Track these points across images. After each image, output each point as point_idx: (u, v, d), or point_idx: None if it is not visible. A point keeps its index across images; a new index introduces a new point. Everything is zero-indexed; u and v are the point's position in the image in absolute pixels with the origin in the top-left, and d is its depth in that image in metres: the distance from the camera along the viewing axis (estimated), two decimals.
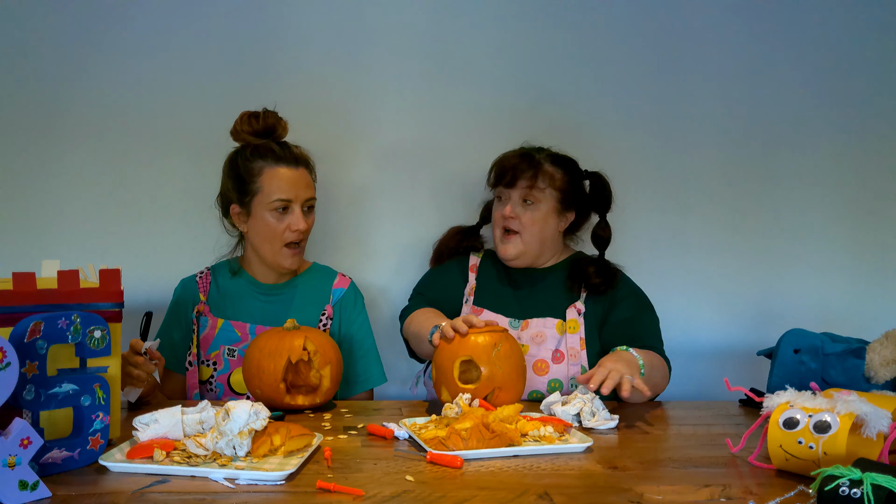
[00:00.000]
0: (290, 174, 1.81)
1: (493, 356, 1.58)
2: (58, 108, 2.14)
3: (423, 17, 2.24)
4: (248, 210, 1.83)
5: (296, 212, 1.81)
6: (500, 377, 1.58)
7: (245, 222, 1.85)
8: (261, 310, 1.89)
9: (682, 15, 2.29)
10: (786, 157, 2.32)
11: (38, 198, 2.14)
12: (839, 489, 0.99)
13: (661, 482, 1.18)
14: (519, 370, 1.62)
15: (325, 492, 1.11)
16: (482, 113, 2.25)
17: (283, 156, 1.81)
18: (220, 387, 1.85)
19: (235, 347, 1.84)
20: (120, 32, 2.15)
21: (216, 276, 1.94)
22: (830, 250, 2.32)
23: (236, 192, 1.83)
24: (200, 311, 1.88)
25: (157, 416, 1.27)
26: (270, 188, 1.79)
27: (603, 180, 2.00)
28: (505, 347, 1.61)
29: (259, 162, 1.81)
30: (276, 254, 1.83)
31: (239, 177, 1.82)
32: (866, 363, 1.67)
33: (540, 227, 1.91)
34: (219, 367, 1.85)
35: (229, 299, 1.90)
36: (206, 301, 1.90)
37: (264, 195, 1.79)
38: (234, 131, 1.85)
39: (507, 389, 1.59)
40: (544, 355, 1.85)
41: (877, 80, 2.32)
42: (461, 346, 1.60)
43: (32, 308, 1.22)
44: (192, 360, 1.86)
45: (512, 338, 1.66)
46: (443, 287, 2.00)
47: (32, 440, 1.05)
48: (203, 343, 1.86)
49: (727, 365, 2.24)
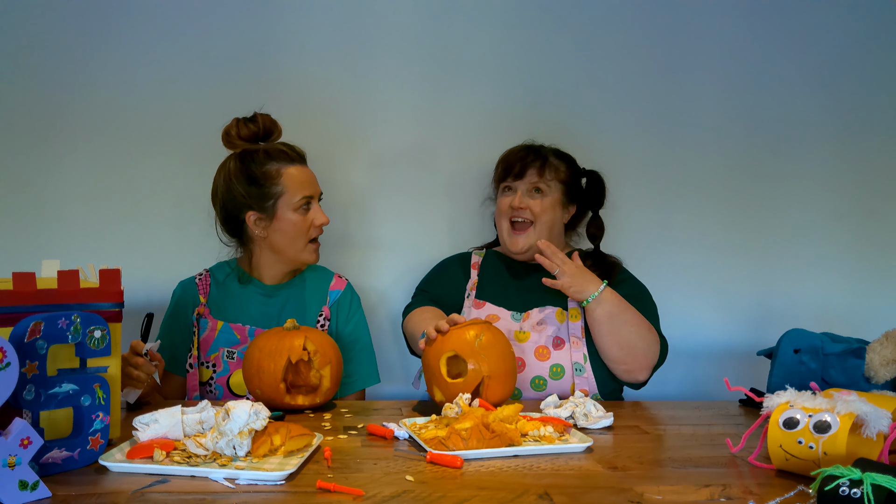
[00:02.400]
0: (305, 172, 1.85)
1: (477, 347, 1.58)
2: (58, 109, 2.14)
3: (423, 17, 2.24)
4: (271, 214, 1.82)
5: (316, 207, 1.85)
6: (487, 367, 1.58)
7: (266, 227, 1.84)
8: (260, 312, 1.89)
9: (682, 15, 2.29)
10: (786, 157, 2.32)
11: (38, 198, 2.14)
12: (839, 489, 0.99)
13: (660, 482, 1.18)
14: (506, 357, 1.62)
15: (325, 492, 1.11)
16: (482, 113, 2.25)
17: (293, 155, 1.85)
18: (219, 389, 1.85)
19: (234, 350, 1.85)
20: (119, 34, 2.15)
21: (215, 278, 1.94)
22: (831, 250, 2.32)
23: (255, 199, 1.81)
24: (200, 314, 1.88)
25: (157, 416, 1.26)
26: (293, 188, 1.81)
27: (600, 178, 2.06)
28: (487, 337, 1.61)
29: (274, 164, 1.81)
30: (302, 251, 1.85)
31: (257, 182, 1.81)
32: (866, 363, 1.67)
33: (550, 215, 1.95)
34: (218, 368, 1.85)
35: (229, 301, 1.90)
36: (206, 303, 1.90)
37: (289, 195, 1.81)
38: (226, 138, 1.84)
39: (497, 378, 1.59)
40: (545, 342, 1.87)
41: (877, 80, 2.32)
42: (444, 343, 1.61)
43: (32, 308, 1.22)
44: (193, 361, 1.86)
45: (494, 328, 1.66)
46: (444, 284, 2.01)
47: (32, 440, 1.05)
48: (203, 345, 1.86)
49: (727, 365, 2.25)
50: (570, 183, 1.99)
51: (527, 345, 1.87)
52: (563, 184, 1.97)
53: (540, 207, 1.94)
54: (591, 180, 2.06)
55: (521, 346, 1.86)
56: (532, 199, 1.95)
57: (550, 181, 1.96)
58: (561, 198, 1.98)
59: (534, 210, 1.94)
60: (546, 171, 1.95)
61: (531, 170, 1.95)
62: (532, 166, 1.95)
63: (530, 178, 1.95)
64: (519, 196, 1.95)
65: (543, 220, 1.95)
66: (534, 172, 1.95)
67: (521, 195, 1.95)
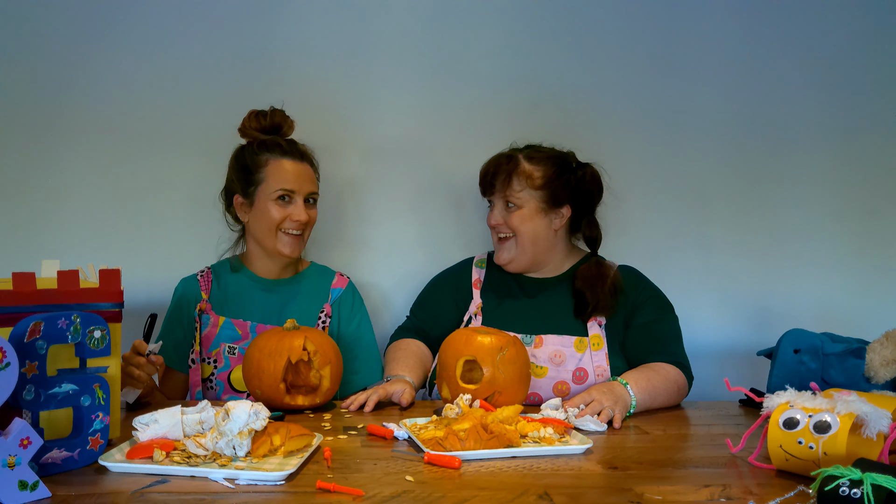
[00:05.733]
0: (294, 167, 1.86)
1: (498, 360, 1.58)
2: (58, 108, 2.14)
3: (424, 17, 2.23)
4: (251, 200, 1.87)
5: (298, 203, 1.85)
6: (501, 381, 1.57)
7: (247, 213, 1.89)
8: (261, 307, 1.90)
9: (682, 14, 2.28)
10: (786, 157, 2.31)
11: (38, 198, 2.14)
12: (839, 489, 0.99)
13: (660, 482, 1.18)
14: (522, 377, 1.62)
15: (324, 492, 1.11)
16: (482, 112, 2.24)
17: (289, 150, 1.87)
18: (220, 384, 1.85)
19: (236, 345, 1.86)
20: (119, 32, 2.15)
21: (217, 275, 1.95)
22: (831, 250, 2.32)
23: (241, 184, 1.88)
24: (202, 310, 1.89)
25: (157, 416, 1.26)
26: (275, 178, 1.84)
27: (593, 172, 1.91)
28: (511, 352, 1.60)
29: (265, 154, 1.86)
30: (274, 240, 1.86)
31: (245, 168, 1.87)
32: (866, 363, 1.67)
33: (529, 226, 1.86)
34: (219, 364, 1.85)
35: (230, 297, 1.91)
36: (209, 299, 1.91)
37: (268, 185, 1.84)
38: (241, 128, 1.90)
39: (507, 394, 1.58)
40: (564, 377, 1.79)
41: (877, 80, 2.32)
42: (467, 345, 1.60)
43: (32, 308, 1.22)
44: (195, 357, 1.86)
45: (520, 344, 1.65)
46: (434, 310, 1.97)
47: (32, 440, 1.05)
48: (205, 341, 1.87)
49: (727, 365, 2.24)
50: (552, 186, 1.85)
51: (543, 381, 1.79)
52: (539, 189, 1.84)
53: (517, 221, 1.85)
54: (579, 176, 1.89)
55: (537, 382, 1.78)
56: (508, 213, 1.86)
57: (521, 192, 1.84)
58: (540, 205, 1.85)
59: (511, 224, 1.86)
60: (514, 182, 1.84)
61: (497, 184, 1.86)
62: (497, 181, 1.85)
63: (500, 192, 1.86)
64: (495, 213, 1.88)
65: (523, 233, 1.86)
66: (501, 186, 1.85)
67: (496, 211, 1.88)
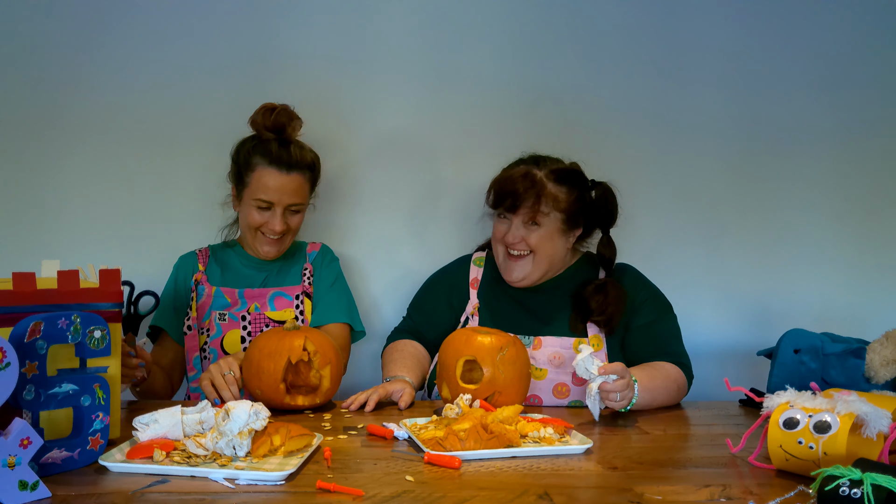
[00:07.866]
0: (277, 179, 1.86)
1: (498, 360, 1.58)
2: (58, 108, 2.14)
3: (424, 16, 2.23)
4: (239, 197, 1.94)
5: (276, 213, 1.89)
6: (501, 381, 1.57)
7: (236, 205, 1.97)
8: (249, 277, 1.99)
9: (682, 15, 2.29)
10: (786, 157, 2.32)
11: (38, 198, 2.14)
12: (839, 489, 0.99)
13: (661, 482, 1.18)
14: (522, 377, 1.62)
15: (325, 492, 1.11)
16: (483, 112, 2.24)
17: (278, 158, 1.86)
18: (213, 352, 1.90)
19: (226, 312, 1.93)
20: (118, 34, 2.15)
21: (214, 251, 2.04)
22: (831, 250, 2.32)
23: (234, 178, 1.95)
24: (198, 280, 1.97)
25: (157, 416, 1.26)
26: (257, 186, 1.87)
27: (608, 193, 1.88)
28: (511, 352, 1.60)
29: (256, 158, 1.88)
30: (253, 240, 1.94)
31: (239, 165, 1.92)
32: (866, 363, 1.67)
33: (549, 245, 1.82)
34: (212, 332, 1.91)
35: (224, 270, 2.00)
36: (205, 271, 1.98)
37: (251, 190, 1.89)
38: (252, 120, 1.92)
39: (507, 394, 1.58)
40: (564, 378, 1.79)
41: (877, 80, 2.32)
42: (467, 345, 1.60)
43: (32, 308, 1.22)
44: (192, 323, 1.94)
45: (520, 343, 1.65)
46: (430, 311, 1.97)
47: (32, 440, 1.05)
48: (199, 310, 1.94)
49: (727, 365, 2.24)
50: (573, 209, 1.82)
51: (543, 383, 1.79)
52: (562, 212, 1.80)
53: (537, 240, 1.80)
54: (598, 195, 1.86)
55: (537, 384, 1.78)
56: (528, 231, 1.81)
57: (548, 213, 1.79)
58: (560, 226, 1.82)
59: (530, 242, 1.81)
60: (542, 204, 1.78)
61: (524, 206, 1.78)
62: (525, 203, 1.77)
63: (524, 212, 1.79)
64: (513, 230, 1.81)
65: (543, 251, 1.82)
66: (527, 207, 1.78)
67: (514, 228, 1.81)
